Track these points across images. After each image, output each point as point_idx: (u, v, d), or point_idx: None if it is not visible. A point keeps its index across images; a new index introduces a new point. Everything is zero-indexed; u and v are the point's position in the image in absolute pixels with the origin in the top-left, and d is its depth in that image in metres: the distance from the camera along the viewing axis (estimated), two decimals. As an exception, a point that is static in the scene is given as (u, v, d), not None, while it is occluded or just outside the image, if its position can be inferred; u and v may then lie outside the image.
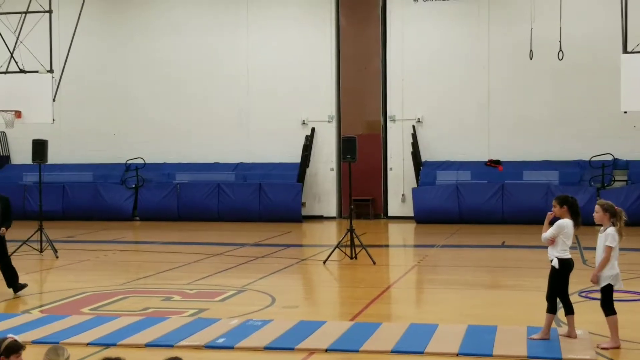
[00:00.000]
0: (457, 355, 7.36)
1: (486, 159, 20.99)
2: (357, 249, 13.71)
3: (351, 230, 13.73)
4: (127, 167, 22.35)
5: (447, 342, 7.73)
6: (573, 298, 8.23)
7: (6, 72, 16.09)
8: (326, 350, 7.59)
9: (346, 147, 14.15)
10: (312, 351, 7.59)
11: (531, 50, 18.53)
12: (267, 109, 22.15)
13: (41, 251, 14.70)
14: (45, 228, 14.94)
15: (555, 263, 7.74)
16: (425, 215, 20.25)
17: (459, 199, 20.15)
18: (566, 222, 7.74)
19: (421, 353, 7.47)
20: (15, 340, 5.06)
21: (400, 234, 19.62)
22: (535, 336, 7.82)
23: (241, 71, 22.33)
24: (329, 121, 21.99)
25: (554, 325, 8.00)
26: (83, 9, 17.21)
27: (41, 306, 10.15)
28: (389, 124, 21.80)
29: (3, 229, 10.68)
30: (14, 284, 10.81)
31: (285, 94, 22.01)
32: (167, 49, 22.68)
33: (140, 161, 22.25)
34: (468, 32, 21.31)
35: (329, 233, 19.61)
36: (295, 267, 13.58)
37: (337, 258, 13.72)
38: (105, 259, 14.77)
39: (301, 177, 21.39)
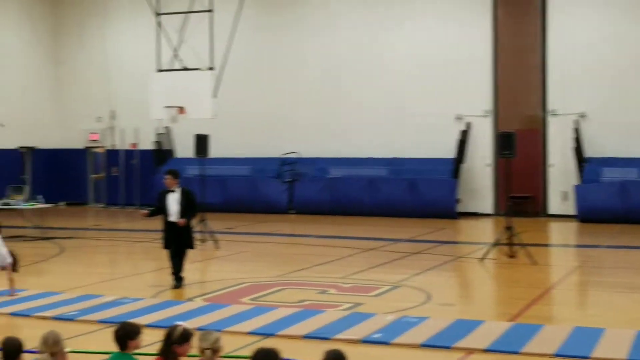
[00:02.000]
0: (627, 362, 6.95)
1: (655, 156, 19.76)
2: (516, 248, 13.28)
3: (510, 228, 13.29)
4: (283, 161, 22.82)
5: (615, 348, 7.33)
6: None
7: (170, 70, 16.87)
8: (485, 350, 7.37)
9: (504, 142, 13.80)
10: (470, 351, 7.39)
11: None
12: (421, 103, 21.90)
13: (203, 242, 15.27)
14: (207, 220, 15.51)
15: None
16: (589, 214, 19.30)
17: (626, 198, 19.06)
18: None
19: (587, 358, 7.09)
20: (186, 329, 5.16)
21: (561, 233, 18.84)
22: None
23: (395, 66, 22.20)
24: (484, 115, 21.46)
25: None
26: (241, 7, 17.72)
27: (203, 295, 10.52)
28: (549, 118, 20.98)
29: (183, 220, 10.96)
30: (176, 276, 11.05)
31: (440, 89, 21.68)
32: (322, 44, 22.93)
33: (295, 155, 22.66)
34: (636, 23, 20.10)
35: (485, 230, 19.12)
36: (450, 264, 13.35)
37: (494, 256, 13.35)
38: (262, 250, 15.14)
39: (456, 172, 21.02)
